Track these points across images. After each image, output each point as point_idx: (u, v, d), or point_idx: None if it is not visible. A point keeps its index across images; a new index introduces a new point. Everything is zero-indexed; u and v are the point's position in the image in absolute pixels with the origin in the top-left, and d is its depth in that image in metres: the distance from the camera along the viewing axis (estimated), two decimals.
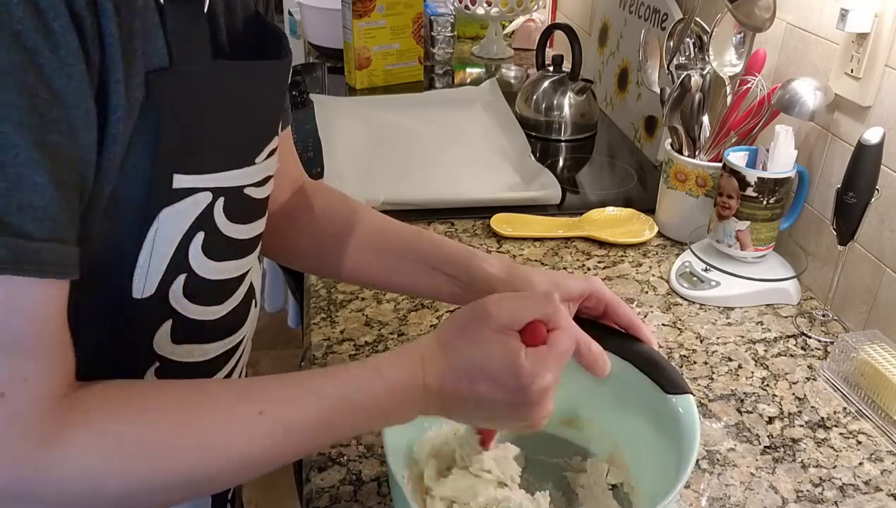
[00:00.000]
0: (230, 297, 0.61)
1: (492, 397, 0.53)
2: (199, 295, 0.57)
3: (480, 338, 0.53)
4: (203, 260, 0.56)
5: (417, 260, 0.74)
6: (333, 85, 1.75)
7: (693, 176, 1.07)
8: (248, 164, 0.58)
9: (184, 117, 0.50)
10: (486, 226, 1.15)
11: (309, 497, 0.70)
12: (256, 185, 0.60)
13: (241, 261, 0.61)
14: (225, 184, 0.55)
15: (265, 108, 0.60)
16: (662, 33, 1.27)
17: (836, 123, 0.96)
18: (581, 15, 1.88)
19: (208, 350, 0.60)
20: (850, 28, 0.88)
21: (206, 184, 0.54)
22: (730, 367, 0.88)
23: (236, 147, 0.57)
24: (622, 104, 1.55)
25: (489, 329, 0.53)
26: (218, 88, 0.53)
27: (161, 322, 0.55)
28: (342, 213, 0.77)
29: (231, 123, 0.55)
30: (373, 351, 0.88)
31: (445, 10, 1.85)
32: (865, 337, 0.84)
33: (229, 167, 0.56)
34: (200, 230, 0.54)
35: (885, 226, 0.89)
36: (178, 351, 0.57)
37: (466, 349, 0.53)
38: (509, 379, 0.52)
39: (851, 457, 0.76)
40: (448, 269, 0.72)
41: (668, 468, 0.59)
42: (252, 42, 0.60)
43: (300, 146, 1.36)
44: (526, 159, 1.32)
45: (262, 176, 0.61)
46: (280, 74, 0.62)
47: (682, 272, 1.03)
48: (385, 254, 0.75)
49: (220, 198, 0.55)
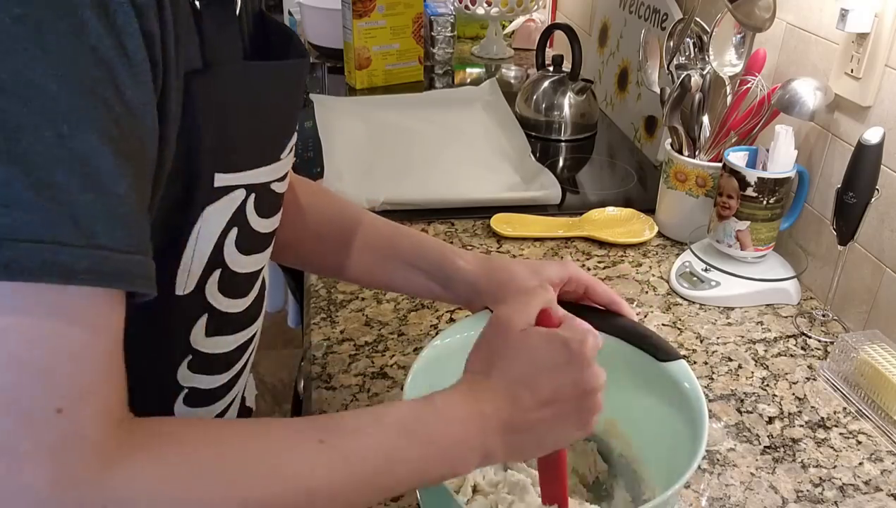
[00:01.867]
0: (252, 289, 0.62)
1: (554, 386, 0.53)
2: (230, 289, 0.58)
3: (514, 345, 0.54)
4: (236, 254, 0.57)
5: (396, 258, 0.75)
6: (333, 85, 1.75)
7: (693, 176, 1.07)
8: (276, 160, 0.59)
9: (220, 117, 0.51)
10: (486, 226, 1.15)
11: None
12: (280, 180, 0.61)
13: (263, 254, 0.62)
14: (256, 181, 0.56)
15: (289, 105, 0.62)
16: (662, 33, 1.27)
17: (836, 123, 0.96)
18: (581, 15, 1.88)
19: (231, 341, 0.61)
20: (850, 28, 0.88)
21: (241, 182, 0.55)
22: (730, 367, 0.88)
23: (266, 144, 0.58)
24: (622, 104, 1.55)
25: (515, 333, 0.55)
26: (249, 88, 0.54)
27: (198, 316, 0.57)
28: (325, 209, 0.79)
29: (261, 121, 0.56)
30: (373, 351, 0.88)
31: (445, 10, 1.85)
32: (865, 337, 0.84)
33: (260, 164, 0.57)
34: (235, 226, 0.56)
35: (885, 226, 0.89)
36: (208, 344, 0.59)
37: (508, 362, 0.54)
38: (562, 355, 0.53)
39: (851, 457, 0.76)
40: (425, 267, 0.74)
41: (676, 435, 0.61)
42: (260, 40, 0.61)
43: (300, 146, 1.36)
44: (526, 159, 1.32)
45: (285, 171, 0.62)
46: (302, 72, 0.63)
47: (682, 272, 1.03)
48: (364, 250, 0.76)
49: (251, 194, 0.56)
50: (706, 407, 0.60)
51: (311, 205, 0.78)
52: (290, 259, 0.82)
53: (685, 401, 0.62)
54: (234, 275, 0.58)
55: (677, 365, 0.64)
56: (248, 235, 0.58)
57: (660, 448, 0.66)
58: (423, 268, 0.74)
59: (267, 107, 0.57)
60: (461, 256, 0.73)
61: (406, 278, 0.75)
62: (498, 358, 0.55)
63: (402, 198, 1.17)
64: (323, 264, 0.80)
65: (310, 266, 0.88)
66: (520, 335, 0.55)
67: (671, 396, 0.63)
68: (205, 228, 0.53)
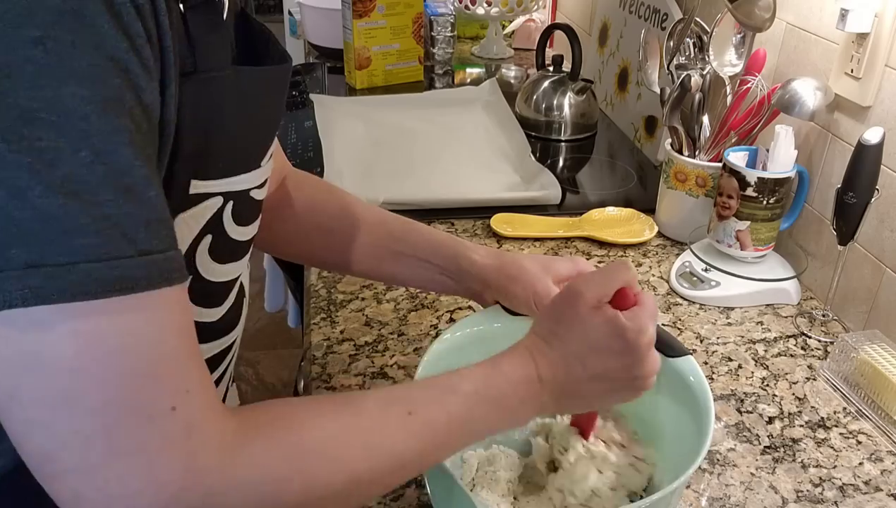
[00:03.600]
0: (227, 298, 0.61)
1: (605, 367, 0.57)
2: (203, 298, 0.58)
3: (578, 319, 0.57)
4: (209, 263, 0.56)
5: (407, 251, 0.76)
6: (333, 85, 1.75)
7: (693, 176, 1.07)
8: (255, 167, 0.59)
9: (202, 123, 0.50)
10: (486, 226, 1.15)
11: None
12: (259, 187, 0.60)
13: (240, 263, 0.62)
14: (235, 189, 0.56)
15: (272, 111, 0.61)
16: (662, 33, 1.27)
17: (836, 123, 0.96)
18: (581, 15, 1.88)
19: (205, 350, 0.61)
20: (850, 28, 0.88)
21: (219, 189, 0.54)
22: (730, 367, 0.88)
23: (247, 151, 0.57)
24: (622, 104, 1.55)
25: (584, 307, 0.57)
26: (234, 94, 0.53)
27: None
28: (330, 204, 0.78)
29: (243, 128, 0.56)
30: (373, 351, 0.88)
31: (445, 10, 1.85)
32: (865, 337, 0.84)
33: (240, 171, 0.56)
34: (209, 233, 0.55)
35: (885, 226, 0.89)
36: None
37: (569, 334, 0.57)
38: (618, 343, 0.56)
39: (851, 457, 0.76)
40: (437, 261, 0.74)
41: (681, 429, 0.62)
42: (243, 43, 0.61)
43: (300, 146, 1.36)
44: (526, 159, 1.32)
45: (265, 178, 0.61)
46: (285, 78, 0.63)
47: (682, 272, 1.03)
48: (375, 244, 0.77)
49: (229, 201, 0.56)
50: (712, 401, 0.61)
51: (318, 200, 0.78)
52: (296, 254, 0.82)
53: (691, 396, 0.62)
54: (206, 284, 0.57)
55: (685, 361, 0.65)
56: (223, 243, 0.57)
57: (665, 443, 0.66)
58: (437, 263, 0.74)
59: (252, 113, 0.56)
60: (475, 250, 0.74)
61: (417, 272, 0.76)
62: (561, 328, 0.57)
63: (402, 198, 1.17)
64: (330, 259, 0.80)
65: (316, 260, 0.88)
66: (586, 311, 0.57)
67: (678, 393, 0.64)
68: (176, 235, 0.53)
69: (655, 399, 0.66)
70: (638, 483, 0.66)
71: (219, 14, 0.53)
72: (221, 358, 0.64)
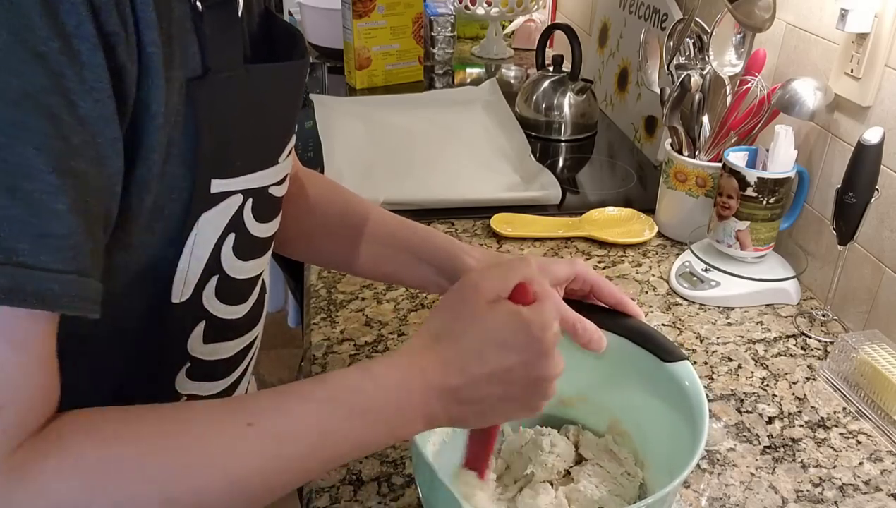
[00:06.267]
0: (251, 295, 0.62)
1: (506, 364, 0.51)
2: (228, 296, 0.58)
3: (477, 314, 0.52)
4: (233, 260, 0.56)
5: (405, 251, 0.75)
6: (333, 85, 1.75)
7: (693, 176, 1.07)
8: (273, 164, 0.59)
9: (219, 123, 0.50)
10: (486, 226, 1.15)
11: (309, 497, 0.70)
12: (278, 184, 0.60)
13: (262, 259, 0.62)
14: (254, 186, 0.56)
15: (288, 108, 0.61)
16: (662, 33, 1.27)
17: (836, 123, 0.96)
18: (581, 15, 1.88)
19: (231, 347, 0.61)
20: (850, 28, 0.88)
21: (239, 187, 0.54)
22: (730, 367, 0.88)
23: (264, 148, 0.57)
24: (622, 104, 1.55)
25: (482, 301, 0.53)
26: (249, 92, 0.53)
27: (195, 323, 0.56)
28: (333, 202, 0.79)
29: (260, 125, 0.55)
30: (373, 351, 0.88)
31: (445, 10, 1.85)
32: (865, 337, 0.84)
33: (258, 168, 0.56)
34: (232, 232, 0.55)
35: (885, 226, 0.89)
36: (206, 351, 0.58)
37: (466, 329, 0.52)
38: (520, 337, 0.51)
39: (851, 457, 0.76)
40: (435, 262, 0.74)
41: (677, 433, 0.62)
42: (264, 41, 0.61)
43: (300, 146, 1.36)
44: (526, 159, 1.32)
45: (283, 174, 0.61)
46: (302, 74, 0.63)
47: (681, 272, 1.03)
48: (374, 243, 0.77)
49: (249, 199, 0.56)
50: (706, 406, 0.60)
51: (320, 198, 0.78)
52: (298, 252, 0.82)
53: (685, 400, 0.62)
54: (232, 282, 0.57)
55: (681, 365, 0.64)
56: (245, 241, 0.57)
57: (661, 447, 0.66)
58: (434, 264, 0.74)
59: (267, 111, 0.56)
60: (470, 253, 0.73)
61: (415, 272, 0.75)
62: (457, 324, 0.52)
63: (402, 198, 1.17)
64: (332, 258, 0.81)
65: (319, 259, 0.88)
66: (484, 305, 0.52)
67: (674, 397, 0.64)
68: (201, 235, 0.52)
69: (651, 403, 0.66)
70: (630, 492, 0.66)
71: (233, 11, 0.52)
72: (244, 354, 0.64)
